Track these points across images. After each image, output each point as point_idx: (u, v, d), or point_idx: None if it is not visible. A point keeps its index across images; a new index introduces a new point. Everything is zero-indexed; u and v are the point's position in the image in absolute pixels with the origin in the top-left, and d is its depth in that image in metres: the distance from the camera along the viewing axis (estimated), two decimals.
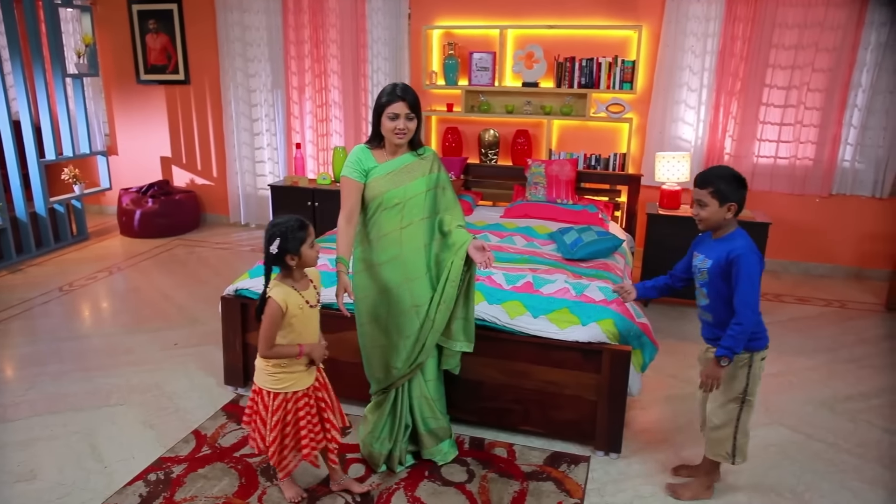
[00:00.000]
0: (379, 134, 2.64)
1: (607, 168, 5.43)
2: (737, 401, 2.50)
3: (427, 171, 2.67)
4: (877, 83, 4.95)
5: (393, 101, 2.53)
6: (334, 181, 5.56)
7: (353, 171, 2.62)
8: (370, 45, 5.84)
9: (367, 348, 2.78)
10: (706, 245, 2.52)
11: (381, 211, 2.63)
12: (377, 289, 2.68)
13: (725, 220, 2.42)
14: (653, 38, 5.27)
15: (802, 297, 4.99)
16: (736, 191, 2.40)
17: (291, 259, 2.33)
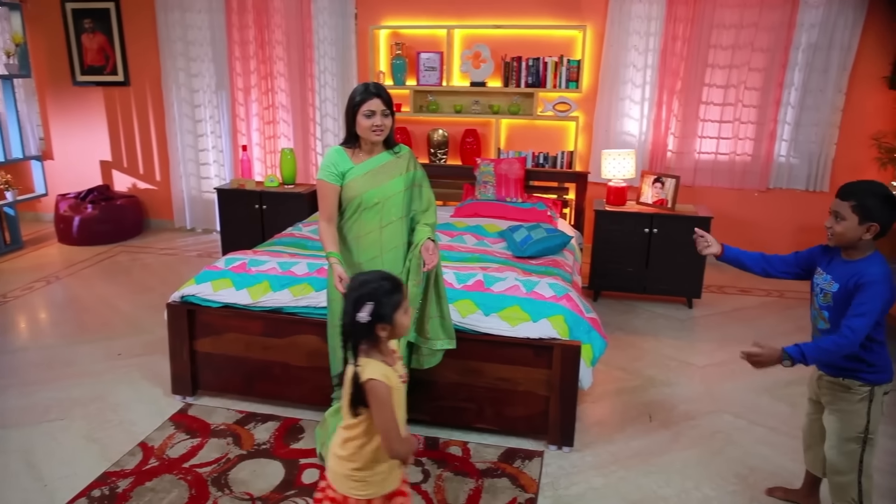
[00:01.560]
0: (354, 134, 2.62)
1: (555, 166, 5.50)
2: (857, 440, 2.25)
3: (404, 170, 2.69)
4: (808, 82, 5.15)
5: (368, 99, 2.53)
6: (282, 183, 5.48)
7: (330, 174, 2.61)
8: (317, 46, 5.78)
9: (338, 350, 2.74)
10: (836, 265, 2.24)
11: (360, 211, 2.63)
12: None
13: (862, 240, 2.15)
14: (597, 37, 5.37)
15: (744, 288, 5.16)
16: (883, 211, 2.09)
17: (383, 329, 1.82)
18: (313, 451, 2.90)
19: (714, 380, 3.68)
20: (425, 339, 2.79)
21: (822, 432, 2.41)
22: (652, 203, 4.76)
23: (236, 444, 2.97)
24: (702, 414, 3.32)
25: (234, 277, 3.30)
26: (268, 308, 3.17)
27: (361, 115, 2.55)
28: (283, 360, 3.19)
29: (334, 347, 2.78)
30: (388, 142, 2.68)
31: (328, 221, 2.63)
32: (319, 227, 2.65)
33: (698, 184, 5.52)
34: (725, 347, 4.08)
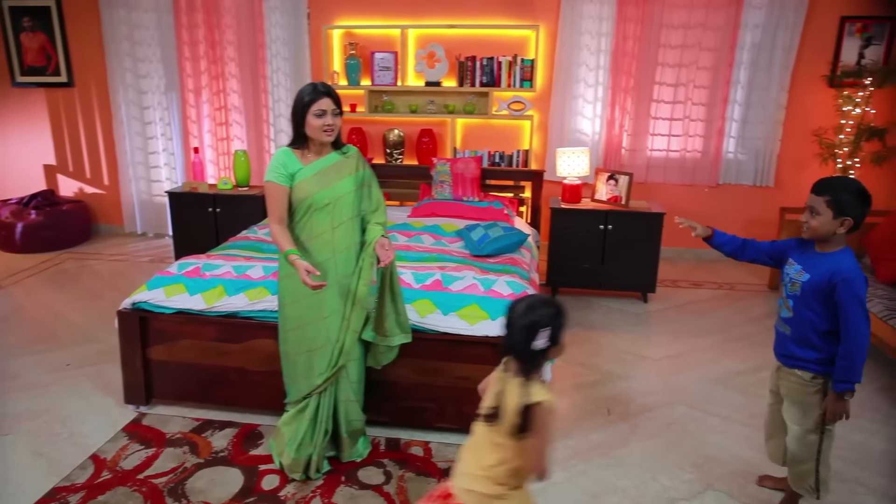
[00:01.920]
0: (302, 135, 2.59)
1: (511, 165, 5.54)
2: (816, 431, 2.33)
3: (354, 170, 2.68)
4: (753, 80, 5.31)
5: (318, 98, 2.51)
6: (236, 186, 5.39)
7: (279, 175, 2.57)
8: (269, 46, 5.70)
9: (291, 356, 2.72)
10: (807, 256, 2.32)
11: (311, 212, 2.59)
12: (306, 293, 2.60)
13: (836, 234, 2.22)
14: (550, 37, 5.43)
15: (696, 281, 5.28)
16: (856, 206, 2.17)
17: (553, 355, 1.83)
18: (272, 458, 2.86)
19: (669, 372, 3.76)
20: (383, 337, 2.78)
21: (783, 423, 2.48)
22: (606, 200, 4.84)
23: (193, 453, 2.91)
24: (658, 406, 3.39)
25: (187, 282, 3.23)
26: (223, 313, 3.11)
27: (311, 115, 2.52)
28: (239, 365, 3.13)
29: (287, 353, 2.74)
30: (336, 142, 2.66)
31: (279, 223, 2.59)
32: (271, 229, 2.61)
33: (651, 180, 5.64)
34: (680, 340, 4.18)
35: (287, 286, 2.67)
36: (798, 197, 5.49)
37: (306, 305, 2.63)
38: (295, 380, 2.75)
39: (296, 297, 2.63)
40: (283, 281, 2.69)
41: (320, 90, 2.52)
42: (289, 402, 2.81)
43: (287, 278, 2.65)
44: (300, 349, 2.68)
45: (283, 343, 2.74)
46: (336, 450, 2.85)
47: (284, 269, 2.65)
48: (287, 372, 2.77)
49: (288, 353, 2.73)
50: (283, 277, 2.68)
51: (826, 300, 2.22)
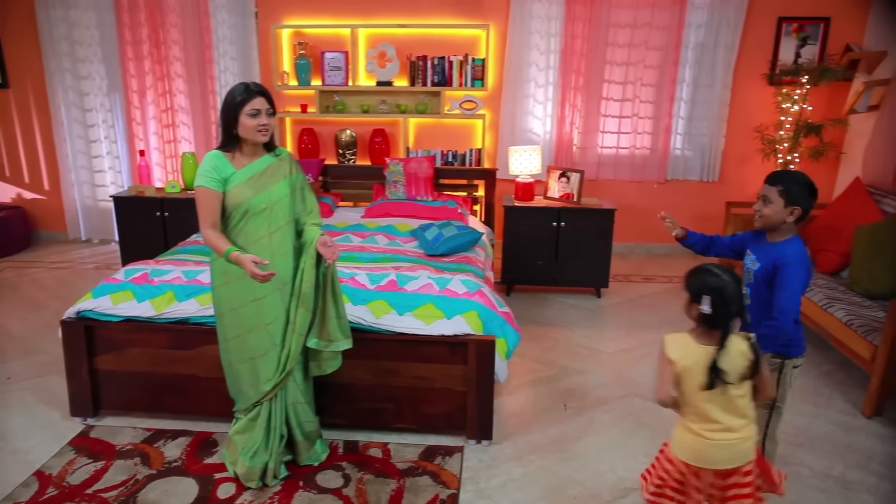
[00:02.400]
0: (233, 137, 2.51)
1: (464, 164, 5.57)
2: (766, 407, 2.43)
3: (287, 173, 2.62)
4: (698, 78, 5.45)
5: (251, 98, 2.44)
6: (185, 189, 5.26)
7: (211, 180, 2.48)
8: (216, 45, 5.58)
9: (234, 364, 2.65)
10: (760, 246, 2.45)
11: (248, 218, 2.52)
12: (245, 300, 2.55)
13: (786, 222, 2.34)
14: (500, 36, 5.47)
15: (648, 275, 5.40)
16: (805, 197, 2.31)
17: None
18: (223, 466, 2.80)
19: (623, 365, 3.83)
20: (327, 342, 2.69)
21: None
22: (559, 197, 4.90)
23: (145, 464, 2.83)
24: (613, 398, 3.45)
25: (135, 289, 3.14)
26: (173, 319, 3.03)
27: (245, 115, 2.45)
28: (192, 372, 3.06)
29: (229, 362, 2.67)
30: (268, 144, 2.59)
31: (213, 228, 2.49)
32: (204, 235, 2.49)
33: (602, 177, 5.73)
34: (633, 334, 4.26)
35: (224, 294, 2.58)
36: (742, 191, 5.67)
37: (246, 313, 2.57)
38: (241, 388, 2.69)
39: (234, 304, 2.57)
40: (219, 289, 2.60)
41: (253, 89, 2.46)
42: (238, 410, 2.75)
43: (224, 286, 2.57)
44: (242, 357, 2.62)
45: (224, 353, 2.67)
46: (293, 454, 2.82)
47: (219, 276, 2.57)
48: (231, 381, 2.71)
49: (230, 362, 2.66)
50: (219, 286, 2.59)
51: (772, 284, 2.32)
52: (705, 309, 1.99)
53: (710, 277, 2.02)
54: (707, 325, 2.03)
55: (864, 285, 3.82)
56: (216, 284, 2.61)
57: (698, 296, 2.01)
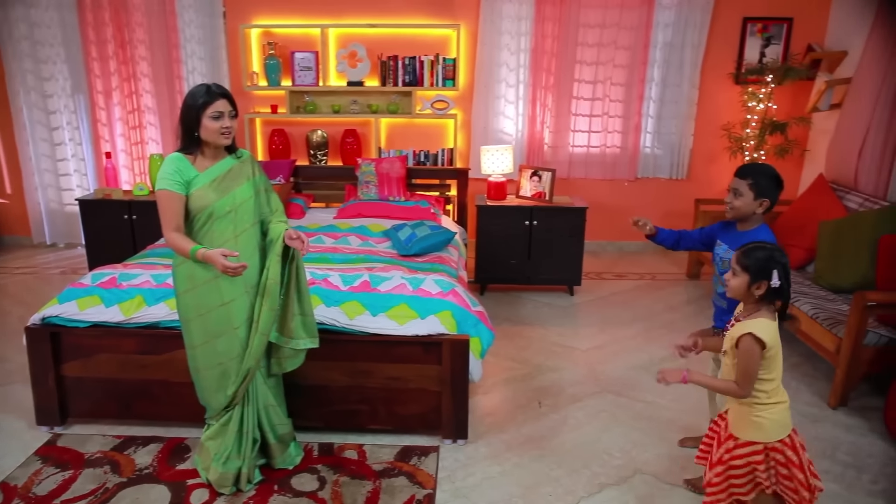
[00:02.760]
0: (194, 140, 2.47)
1: (436, 163, 5.57)
2: None
3: (251, 175, 2.59)
4: (666, 77, 5.53)
5: (214, 100, 2.40)
6: (153, 191, 5.18)
7: (174, 183, 2.42)
8: (183, 45, 5.50)
9: (202, 370, 2.60)
10: (732, 236, 2.56)
11: (213, 221, 2.48)
12: (213, 305, 2.51)
13: (755, 213, 2.49)
14: (471, 36, 5.48)
15: (620, 273, 5.46)
16: (773, 189, 2.46)
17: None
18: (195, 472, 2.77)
19: (597, 362, 3.87)
20: (288, 339, 2.66)
21: None
22: (531, 196, 4.93)
23: (115, 472, 2.78)
24: (587, 395, 3.48)
25: (102, 294, 3.08)
26: (143, 324, 2.98)
27: (208, 118, 2.40)
28: (162, 377, 3.01)
29: (197, 369, 2.61)
30: (230, 146, 2.55)
31: (176, 231, 2.44)
32: (168, 238, 2.44)
33: (573, 176, 5.78)
34: (606, 330, 4.30)
35: (189, 301, 2.52)
36: (710, 189, 5.76)
37: (214, 318, 2.52)
38: (210, 395, 2.63)
39: (201, 310, 2.52)
40: (184, 296, 2.53)
41: (216, 91, 2.42)
42: (209, 417, 2.71)
43: (189, 292, 2.51)
44: (211, 363, 2.57)
45: (191, 360, 2.61)
46: (267, 457, 2.79)
47: (184, 282, 2.51)
48: (200, 387, 2.65)
49: (198, 368, 2.60)
50: (185, 292, 2.52)
51: None
52: (776, 283, 2.04)
53: (771, 252, 2.08)
54: (772, 298, 2.10)
55: (828, 279, 3.91)
56: (181, 291, 2.53)
57: (765, 272, 2.05)
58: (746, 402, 2.15)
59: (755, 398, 2.13)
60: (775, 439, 2.14)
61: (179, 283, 2.54)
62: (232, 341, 2.55)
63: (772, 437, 2.14)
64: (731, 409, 2.24)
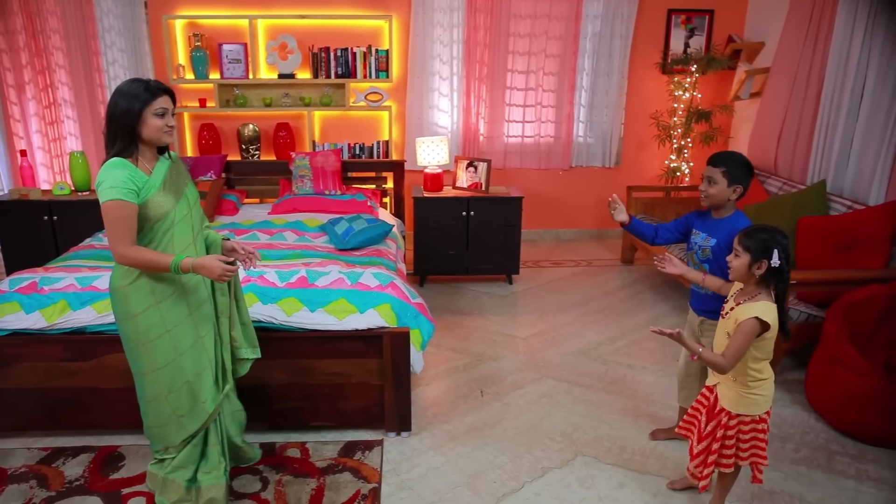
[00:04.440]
0: (132, 141, 2.22)
1: (371, 156, 5.52)
2: None
3: (187, 174, 2.44)
4: (597, 67, 5.64)
5: (157, 96, 2.20)
6: (75, 191, 4.94)
7: (127, 192, 2.14)
8: (102, 36, 5.25)
9: (166, 395, 2.32)
10: (709, 224, 2.61)
11: (174, 227, 2.27)
12: (179, 318, 2.32)
13: (729, 200, 2.54)
14: (403, 27, 5.44)
15: (557, 260, 5.56)
16: (744, 175, 2.51)
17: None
18: (137, 479, 2.68)
19: (536, 349, 3.93)
20: (235, 348, 2.56)
21: (697, 371, 2.80)
22: (467, 187, 4.95)
23: (42, 486, 2.65)
24: (528, 382, 3.54)
25: (22, 300, 2.92)
26: (68, 329, 2.85)
27: (152, 115, 2.20)
28: (92, 384, 2.89)
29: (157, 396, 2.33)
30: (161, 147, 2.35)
31: (133, 244, 2.18)
32: (128, 256, 2.15)
33: (509, 166, 5.84)
34: (545, 318, 4.38)
35: (154, 318, 2.26)
36: (642, 176, 5.93)
37: (181, 332, 2.32)
38: (174, 422, 2.36)
39: (168, 325, 2.28)
40: (145, 315, 2.25)
41: (159, 87, 2.23)
42: (162, 450, 2.42)
43: (151, 309, 2.25)
44: (177, 384, 2.33)
45: (150, 385, 2.32)
46: (234, 460, 2.73)
47: (144, 300, 2.24)
48: (159, 417, 2.35)
49: (159, 395, 2.32)
50: (145, 310, 2.25)
51: None
52: (776, 262, 2.11)
53: (773, 234, 2.15)
54: (770, 280, 2.17)
55: None
56: (137, 311, 2.24)
57: (766, 252, 2.12)
58: (741, 380, 2.25)
59: (749, 376, 2.24)
60: (763, 412, 2.29)
61: (135, 303, 2.24)
62: (199, 353, 2.38)
63: (761, 410, 2.28)
64: (722, 385, 2.33)
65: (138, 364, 2.31)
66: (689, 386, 2.87)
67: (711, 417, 2.35)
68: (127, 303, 2.25)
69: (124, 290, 2.24)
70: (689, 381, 2.87)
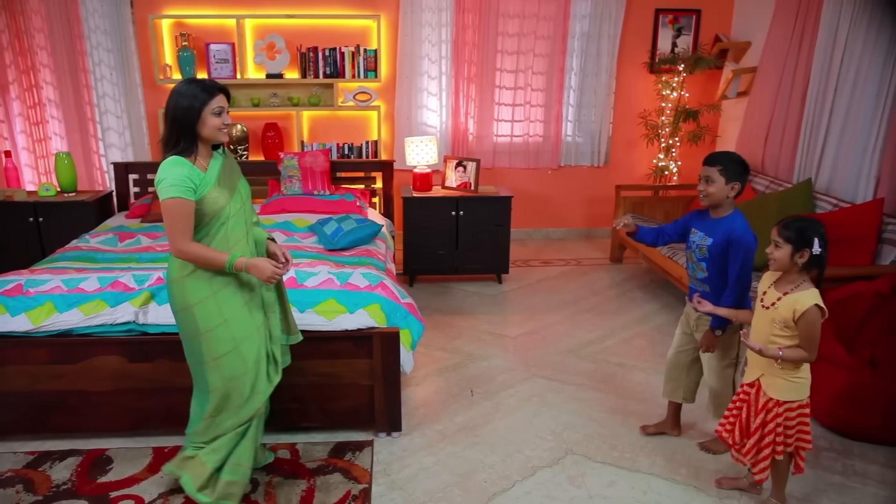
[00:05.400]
0: (192, 139, 2.27)
1: (360, 156, 5.52)
2: (731, 365, 2.73)
3: (239, 170, 2.49)
4: (585, 66, 5.66)
5: (214, 95, 2.26)
6: (61, 192, 4.90)
7: (186, 189, 2.20)
8: (88, 36, 5.21)
9: (228, 383, 2.38)
10: (706, 223, 2.66)
11: (228, 221, 2.33)
12: (236, 307, 2.37)
13: (727, 198, 2.58)
14: (391, 27, 5.44)
15: (546, 259, 5.57)
16: (741, 173, 2.56)
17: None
18: (125, 482, 2.66)
19: (527, 348, 3.94)
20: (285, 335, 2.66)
21: (687, 363, 2.88)
22: (456, 186, 4.95)
23: (28, 491, 2.63)
24: (518, 381, 3.54)
25: (7, 302, 2.89)
26: (54, 332, 2.82)
27: (210, 114, 2.25)
28: (79, 387, 2.86)
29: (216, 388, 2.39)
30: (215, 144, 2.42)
31: (191, 240, 2.26)
32: (188, 251, 2.23)
33: (498, 165, 5.85)
34: (534, 317, 4.39)
35: (211, 308, 2.33)
36: (630, 175, 5.96)
37: (238, 321, 2.38)
38: (229, 411, 2.42)
39: (225, 314, 2.34)
40: (202, 305, 2.31)
41: (214, 86, 2.27)
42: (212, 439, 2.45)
43: (209, 299, 2.32)
44: (237, 373, 2.38)
45: (211, 375, 2.37)
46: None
47: (201, 291, 2.31)
48: (218, 406, 2.41)
49: (217, 388, 2.38)
50: (202, 301, 2.31)
51: (727, 256, 2.57)
52: (817, 250, 2.21)
53: (810, 223, 2.24)
54: (811, 267, 2.26)
55: None
56: (195, 301, 2.31)
57: (807, 241, 2.21)
58: (787, 367, 2.32)
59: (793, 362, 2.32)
60: (807, 396, 2.38)
61: (191, 294, 2.32)
62: (255, 343, 2.43)
63: (806, 395, 2.37)
64: (766, 376, 2.39)
65: (197, 354, 2.38)
66: (677, 378, 2.94)
67: (759, 411, 2.41)
68: (184, 293, 2.32)
69: (181, 280, 2.32)
70: (677, 373, 2.93)
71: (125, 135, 5.42)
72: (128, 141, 5.44)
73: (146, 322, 2.83)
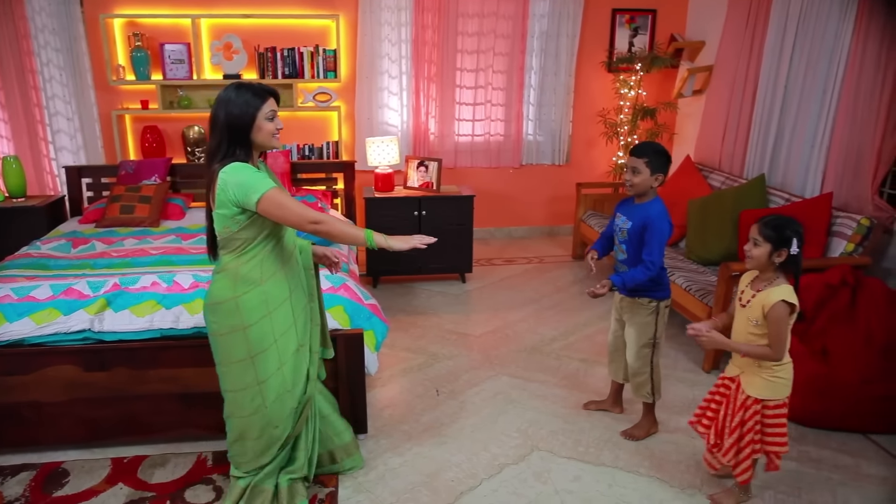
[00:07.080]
0: (245, 145, 2.20)
1: (321, 157, 5.47)
2: (648, 345, 2.87)
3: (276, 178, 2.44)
4: (545, 65, 5.71)
5: (266, 99, 2.19)
6: (9, 197, 4.74)
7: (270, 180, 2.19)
8: (35, 36, 5.04)
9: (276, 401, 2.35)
10: (629, 208, 2.80)
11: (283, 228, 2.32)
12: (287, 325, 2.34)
13: (651, 188, 2.71)
14: (350, 27, 5.40)
15: (509, 258, 5.60)
16: (665, 164, 2.70)
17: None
18: (83, 495, 2.58)
19: (491, 346, 3.95)
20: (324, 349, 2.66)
21: (622, 346, 3.01)
22: (418, 186, 4.95)
23: None
24: (483, 380, 3.55)
25: None
26: (4, 342, 2.72)
27: (264, 119, 2.17)
28: (32, 398, 2.77)
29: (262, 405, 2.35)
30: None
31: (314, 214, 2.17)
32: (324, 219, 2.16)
33: (460, 165, 5.86)
34: (498, 315, 4.41)
35: (266, 327, 2.27)
36: (591, 173, 6.03)
37: (286, 340, 2.35)
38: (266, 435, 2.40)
39: (276, 334, 2.30)
40: (253, 328, 2.25)
41: (264, 89, 2.20)
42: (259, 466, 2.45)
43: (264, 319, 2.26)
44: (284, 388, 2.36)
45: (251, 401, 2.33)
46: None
47: (259, 309, 2.25)
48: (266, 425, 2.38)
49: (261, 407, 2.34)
50: (254, 323, 2.25)
51: (643, 239, 2.71)
52: (795, 250, 2.26)
53: (789, 223, 2.28)
54: (787, 265, 2.30)
55: (698, 253, 4.20)
56: (251, 322, 2.24)
57: (786, 241, 2.26)
58: (765, 365, 2.35)
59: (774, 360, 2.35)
60: (786, 396, 2.39)
61: (248, 314, 2.24)
62: (299, 361, 2.41)
63: (785, 394, 2.39)
64: (746, 374, 2.42)
65: (241, 378, 2.30)
66: (617, 360, 3.08)
67: (737, 409, 2.43)
68: (239, 315, 2.23)
69: (235, 301, 2.22)
70: (617, 356, 3.08)
71: (77, 137, 5.27)
72: (80, 144, 5.28)
73: (102, 330, 2.76)
